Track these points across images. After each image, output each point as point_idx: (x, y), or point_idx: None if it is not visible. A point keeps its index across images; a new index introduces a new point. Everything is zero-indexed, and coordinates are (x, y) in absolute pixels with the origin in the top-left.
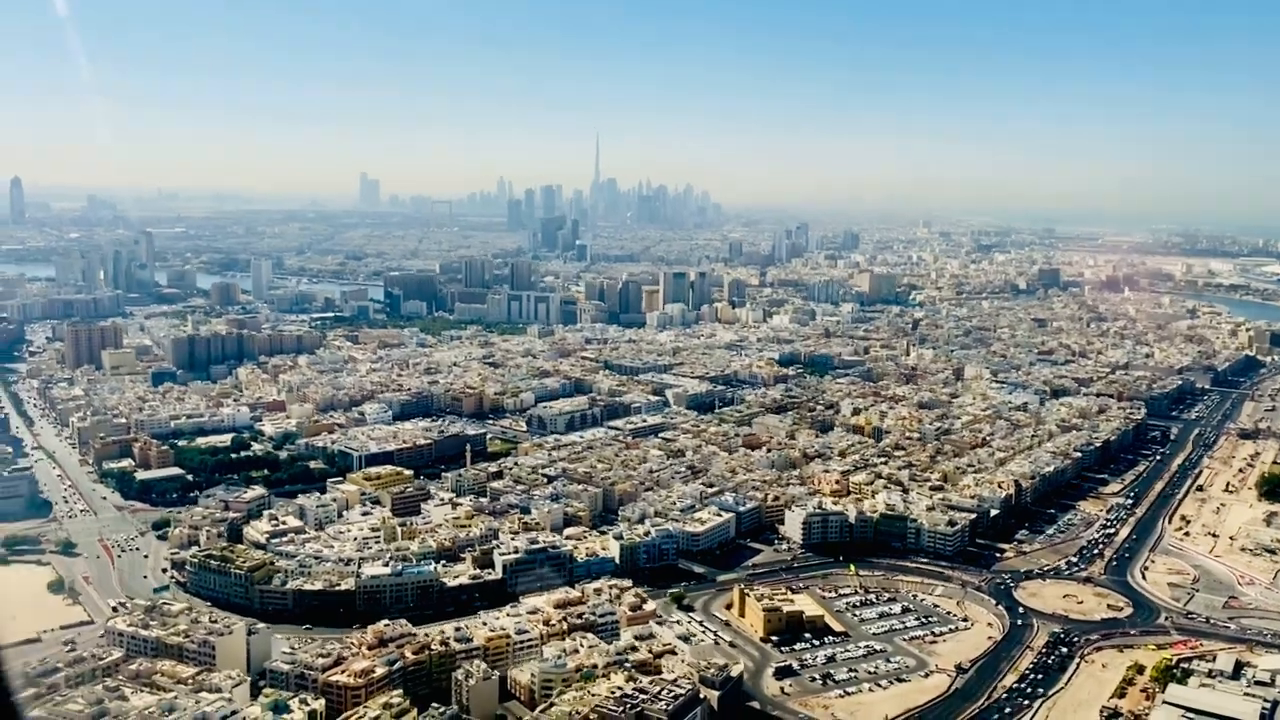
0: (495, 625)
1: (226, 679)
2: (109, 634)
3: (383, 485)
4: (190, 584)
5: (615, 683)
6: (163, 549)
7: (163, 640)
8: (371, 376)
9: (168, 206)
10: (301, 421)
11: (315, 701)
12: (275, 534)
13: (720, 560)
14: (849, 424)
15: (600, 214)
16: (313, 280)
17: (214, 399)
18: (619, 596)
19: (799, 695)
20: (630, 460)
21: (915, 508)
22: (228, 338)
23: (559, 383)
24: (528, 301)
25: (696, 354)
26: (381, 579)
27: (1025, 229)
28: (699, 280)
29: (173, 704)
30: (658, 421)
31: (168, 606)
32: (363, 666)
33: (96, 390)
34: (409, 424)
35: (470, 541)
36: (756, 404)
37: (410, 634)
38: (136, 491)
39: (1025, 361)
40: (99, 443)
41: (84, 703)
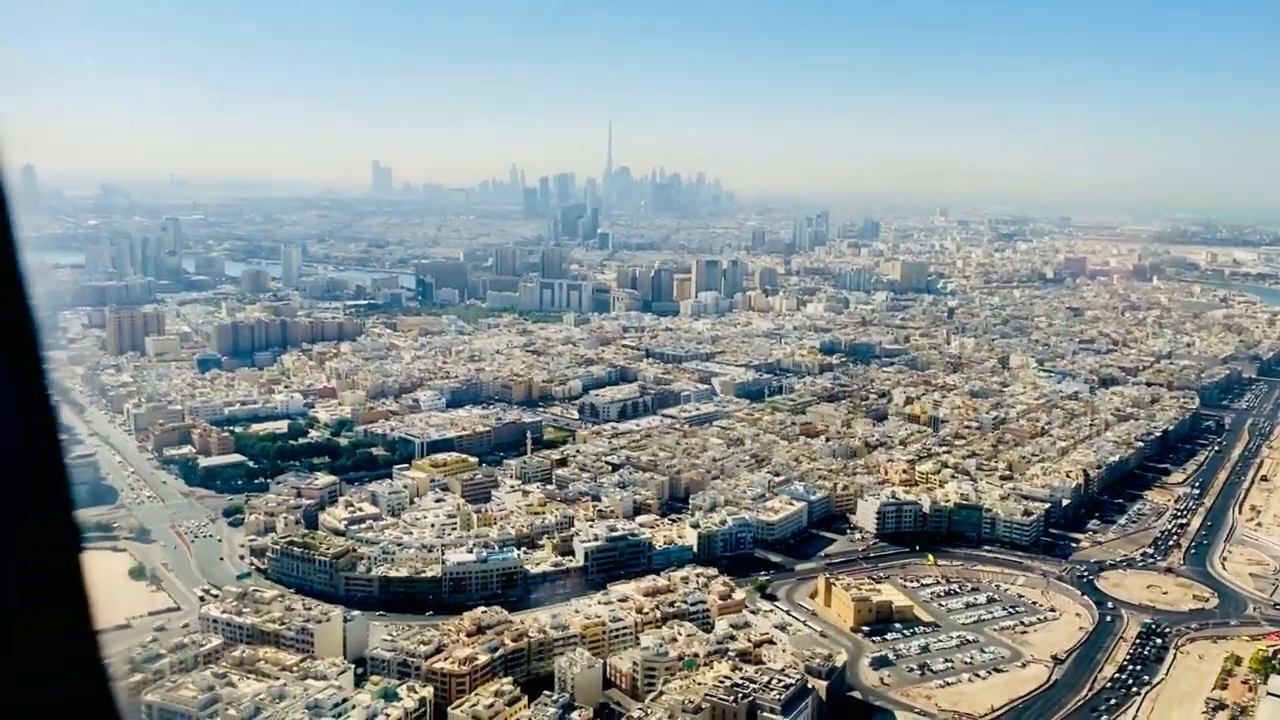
0: (589, 613)
1: (331, 666)
2: (203, 620)
3: (450, 472)
4: (272, 571)
5: (720, 672)
6: (236, 535)
7: (258, 627)
8: (417, 364)
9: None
10: (356, 408)
11: (423, 689)
12: (354, 520)
13: (794, 549)
14: (903, 413)
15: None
16: (338, 268)
17: (265, 386)
18: (706, 585)
19: (899, 685)
20: (691, 449)
21: (987, 497)
22: (271, 325)
23: (605, 370)
24: (560, 289)
25: (736, 342)
26: (467, 565)
27: (1041, 218)
28: (731, 268)
29: (282, 691)
30: (711, 410)
31: (259, 594)
32: (466, 654)
33: (144, 377)
34: (463, 411)
35: (546, 529)
36: (807, 392)
37: (507, 621)
38: (201, 478)
39: (1068, 350)
40: (158, 429)
41: (195, 689)
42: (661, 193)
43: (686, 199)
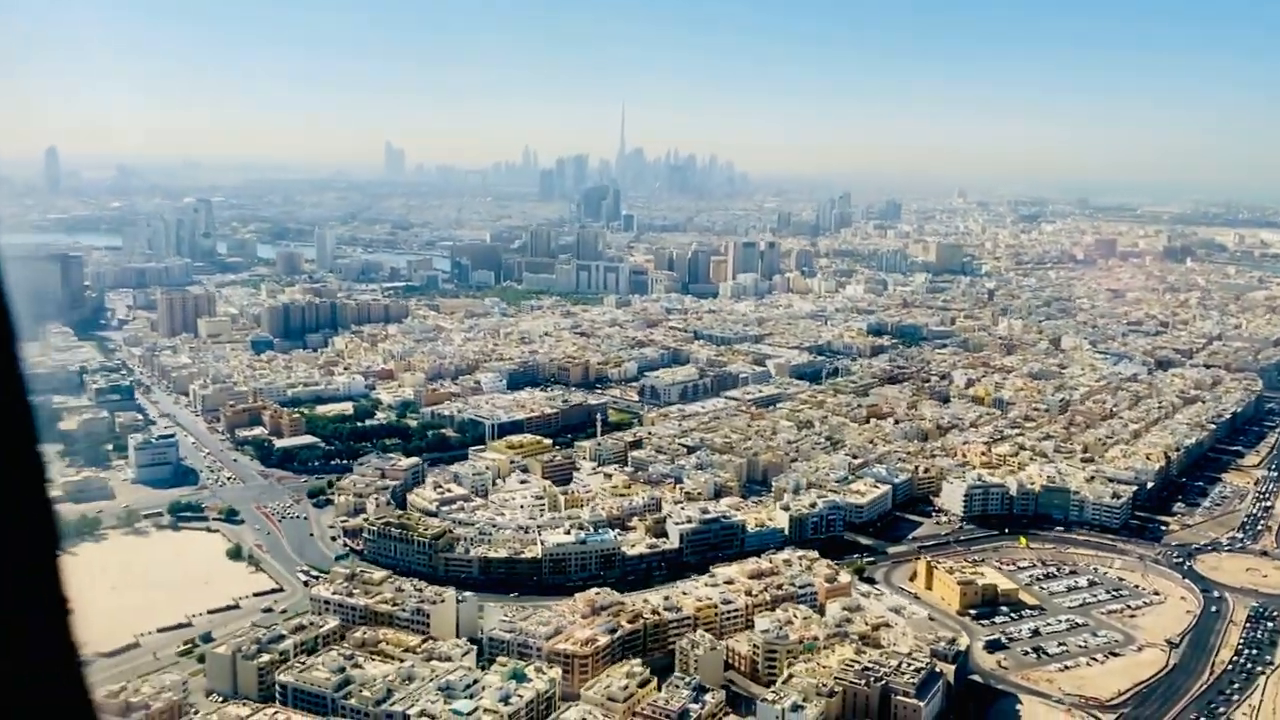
0: (699, 595)
1: (455, 648)
2: (314, 602)
3: (528, 453)
4: (368, 552)
5: (843, 655)
6: (324, 516)
7: (371, 608)
8: (469, 346)
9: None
10: (418, 390)
11: (550, 670)
12: (444, 501)
13: (882, 532)
14: (966, 395)
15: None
16: (367, 250)
17: (323, 368)
18: (810, 568)
19: (1016, 669)
20: (763, 431)
21: (1073, 480)
22: (321, 306)
23: (658, 352)
24: (597, 272)
25: (782, 324)
26: (566, 547)
27: (1059, 199)
28: (768, 250)
29: (410, 673)
30: (773, 392)
31: (368, 575)
32: (586, 635)
33: (202, 358)
34: (524, 393)
35: (634, 510)
36: (866, 375)
37: (619, 603)
38: (278, 459)
39: (1118, 332)
40: (229, 411)
41: (327, 670)
42: (677, 174)
43: (701, 180)
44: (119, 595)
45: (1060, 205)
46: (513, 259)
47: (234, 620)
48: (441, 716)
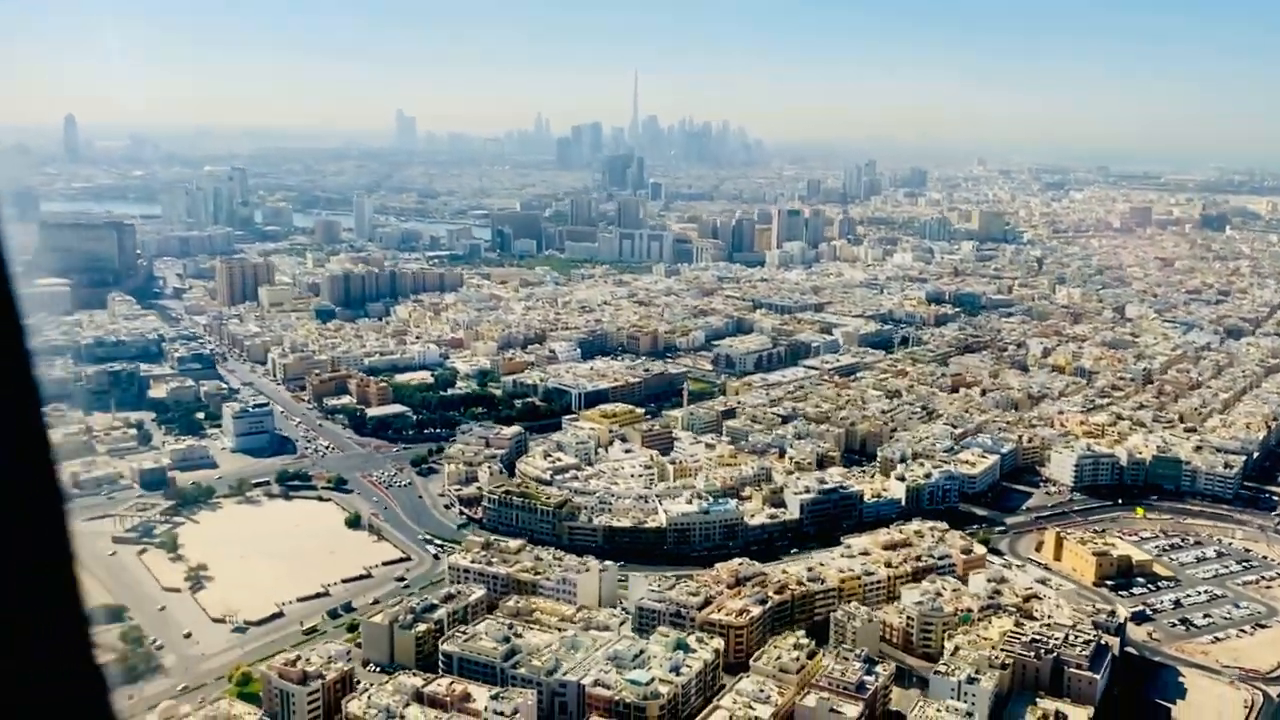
0: (840, 566)
1: (612, 617)
2: (452, 571)
3: (624, 422)
4: (488, 520)
5: (1003, 627)
6: (430, 484)
7: (513, 576)
8: (533, 315)
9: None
10: (494, 360)
11: (712, 640)
12: (557, 470)
13: (994, 503)
14: (1045, 364)
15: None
16: (399, 218)
17: (395, 336)
18: (942, 539)
19: (1167, 641)
20: (853, 400)
21: (1180, 449)
22: (380, 276)
23: (722, 321)
24: (640, 240)
25: (838, 292)
26: (691, 517)
27: (1079, 167)
28: (813, 218)
29: (574, 642)
30: (852, 361)
31: (503, 544)
32: (739, 606)
33: (270, 326)
34: (599, 362)
35: (745, 481)
36: (941, 344)
37: (761, 573)
38: (371, 428)
39: (1179, 300)
40: (316, 380)
41: (491, 640)
42: (694, 142)
43: (717, 148)
44: (250, 565)
45: (1081, 173)
46: (553, 227)
47: (369, 589)
48: (617, 686)
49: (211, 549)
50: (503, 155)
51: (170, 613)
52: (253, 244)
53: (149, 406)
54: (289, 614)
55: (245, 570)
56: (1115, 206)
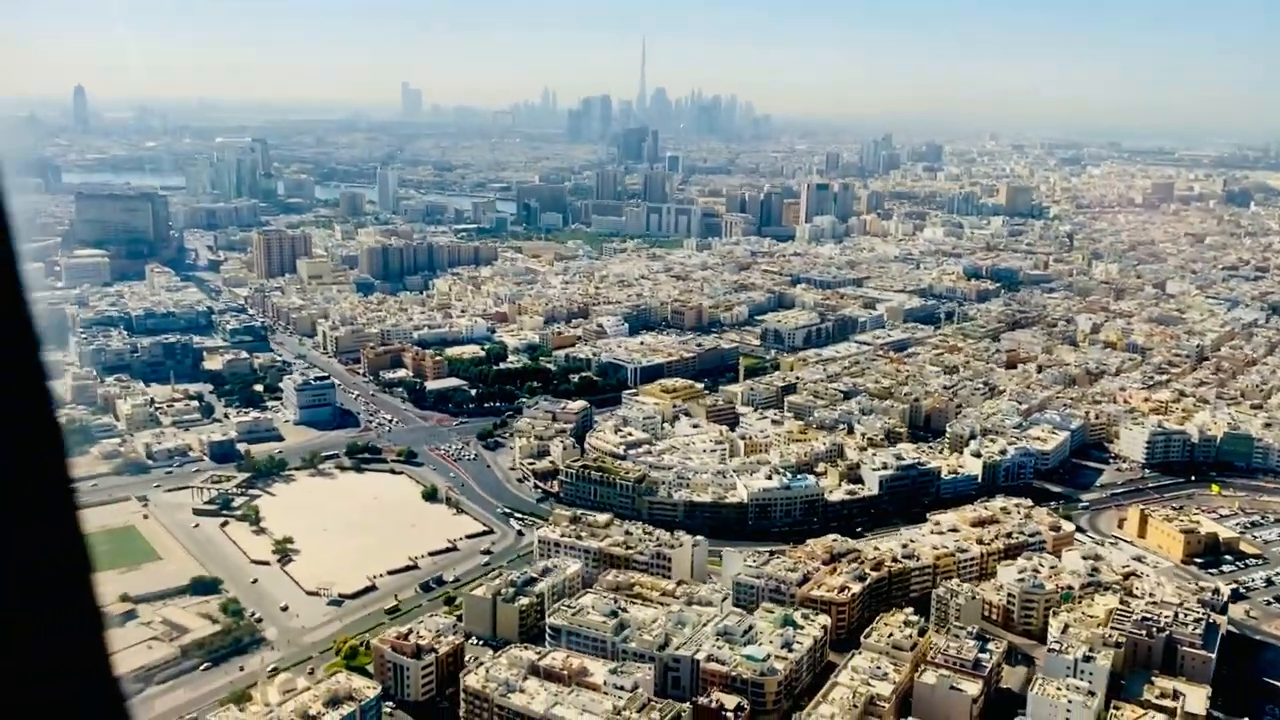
0: (932, 543)
1: (714, 593)
2: (542, 544)
3: (686, 397)
4: (565, 494)
5: (1107, 605)
6: (499, 458)
7: (605, 551)
8: (573, 289)
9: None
10: (543, 334)
11: (818, 616)
12: (631, 445)
13: (1066, 479)
14: (1097, 340)
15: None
16: (419, 191)
17: (440, 309)
18: (1028, 516)
19: (1266, 619)
20: (912, 376)
21: (1249, 426)
22: (418, 248)
23: (764, 296)
24: (668, 214)
25: (874, 267)
26: (772, 492)
27: (1090, 142)
28: (842, 192)
29: (681, 617)
30: (902, 336)
31: (591, 518)
32: (839, 582)
33: (313, 299)
34: (649, 337)
35: (818, 457)
36: (990, 319)
37: (854, 550)
38: (432, 402)
39: (1217, 277)
40: (371, 353)
41: (599, 614)
42: (704, 115)
43: (727, 122)
44: (334, 538)
45: (1094, 149)
46: (576, 201)
47: (455, 562)
48: (733, 662)
49: (292, 522)
50: (513, 128)
51: (263, 586)
52: (276, 216)
53: (205, 379)
54: (381, 587)
55: (330, 543)
56: (1135, 182)
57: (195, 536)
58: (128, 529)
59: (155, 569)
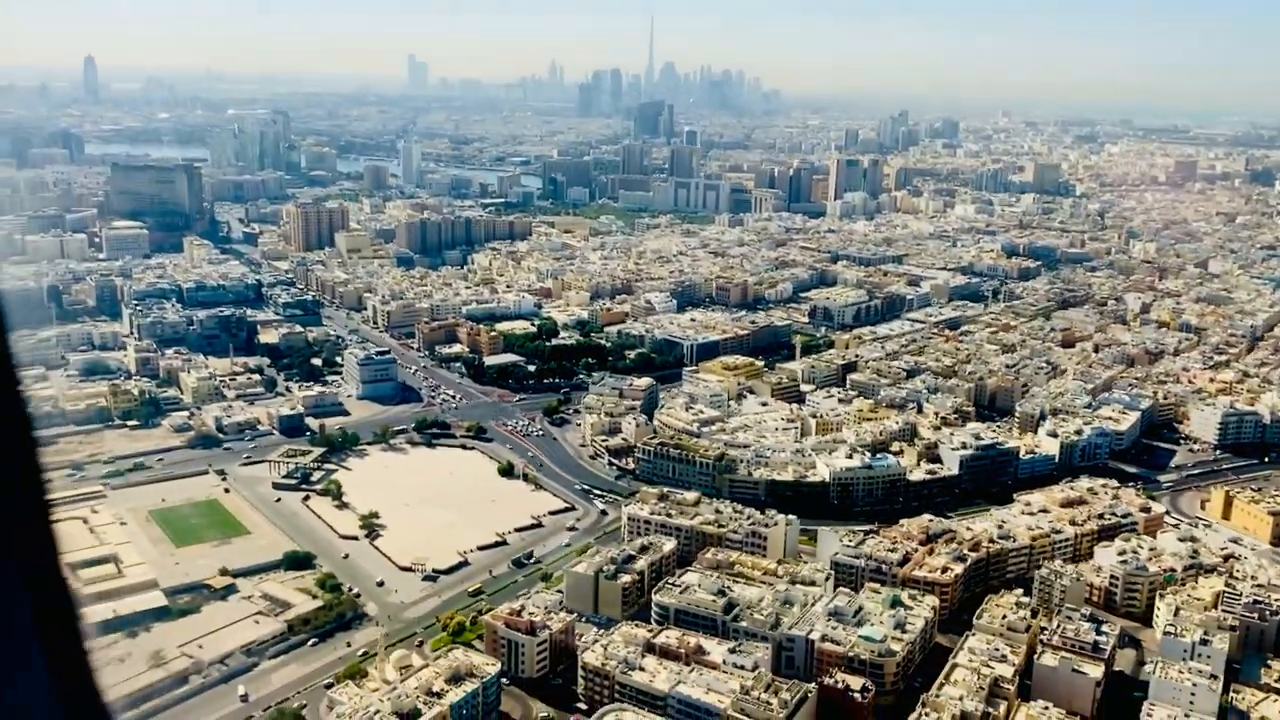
0: (1026, 524)
1: (817, 572)
2: (632, 521)
3: (747, 375)
4: (642, 471)
5: (1213, 587)
6: (567, 434)
7: (697, 529)
8: (615, 264)
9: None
10: (592, 311)
11: (927, 596)
12: (704, 423)
13: (1139, 459)
14: (1149, 320)
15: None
16: (438, 165)
17: (485, 284)
18: (1116, 496)
19: None
20: (971, 354)
21: None
22: (456, 223)
23: (806, 273)
24: (696, 190)
25: (910, 244)
26: (855, 472)
27: (1102, 119)
28: (871, 168)
29: (788, 596)
30: (954, 315)
31: (678, 495)
32: (940, 563)
33: (355, 273)
34: (697, 313)
35: (893, 436)
36: (1037, 297)
37: (949, 530)
38: (491, 377)
39: (1257, 256)
40: (426, 328)
41: (706, 593)
42: (715, 90)
43: (737, 97)
44: (417, 513)
45: (1107, 126)
46: (603, 176)
47: (543, 539)
48: (849, 642)
49: (373, 496)
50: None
51: (355, 561)
52: (300, 189)
53: (260, 352)
54: (473, 563)
55: (414, 518)
56: (1156, 160)
57: (280, 511)
58: (211, 502)
59: (244, 543)
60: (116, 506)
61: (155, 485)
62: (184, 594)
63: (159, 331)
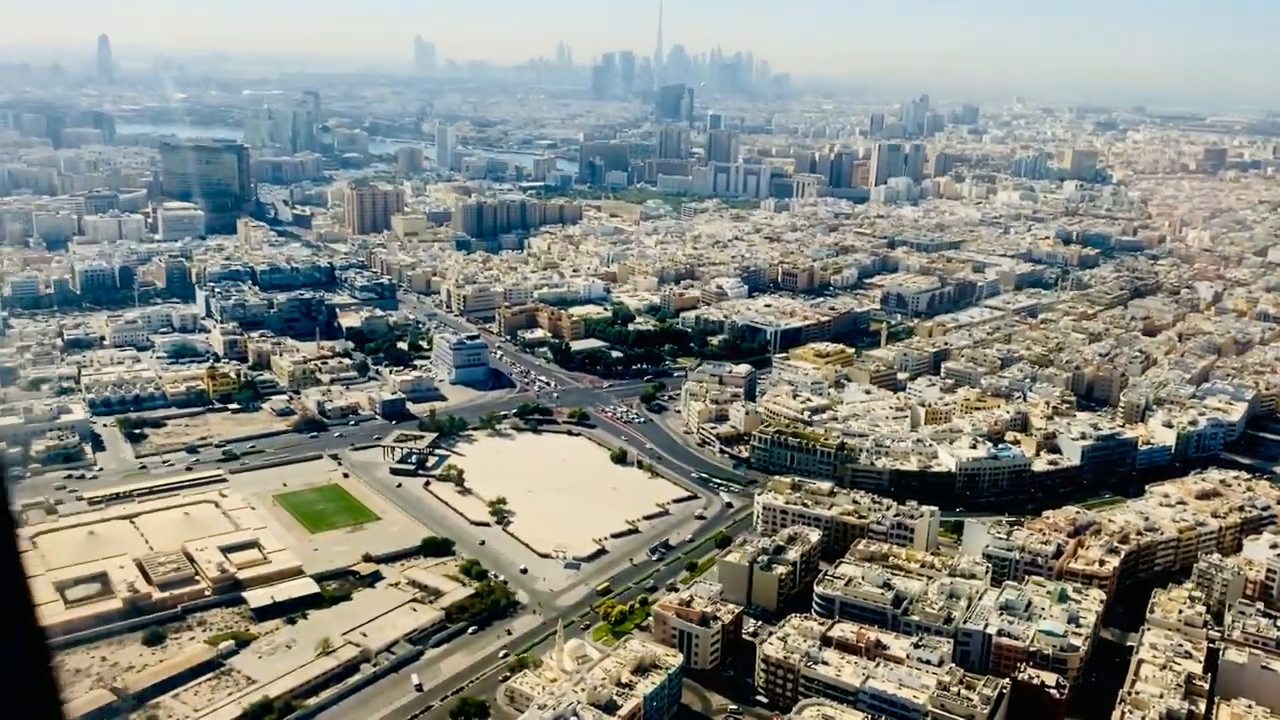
0: (1169, 516)
1: (975, 565)
2: (768, 511)
3: (838, 362)
4: (757, 459)
5: None
6: (668, 421)
7: (838, 520)
8: (675, 250)
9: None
10: (664, 296)
11: (1092, 589)
12: (815, 410)
13: (1247, 450)
14: (1226, 309)
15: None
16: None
17: (549, 269)
18: (1250, 489)
19: None
20: (1059, 343)
21: None
22: (511, 206)
23: (868, 259)
24: (735, 174)
25: (962, 230)
26: (981, 462)
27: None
28: (913, 154)
29: (953, 589)
30: (1031, 303)
31: (812, 485)
32: (1095, 555)
33: (419, 256)
34: (769, 298)
35: (1007, 425)
36: (1110, 285)
37: (1094, 522)
38: (578, 363)
39: None
40: (508, 313)
41: (872, 585)
42: (727, 73)
43: (748, 80)
44: (541, 499)
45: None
46: (639, 160)
47: (673, 526)
48: (1027, 636)
49: (493, 482)
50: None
51: (492, 547)
52: (336, 170)
53: (343, 335)
54: (611, 550)
55: (538, 504)
56: (1183, 148)
57: (403, 496)
58: (333, 487)
59: (377, 529)
60: (239, 490)
61: (272, 470)
62: (331, 580)
63: (240, 314)
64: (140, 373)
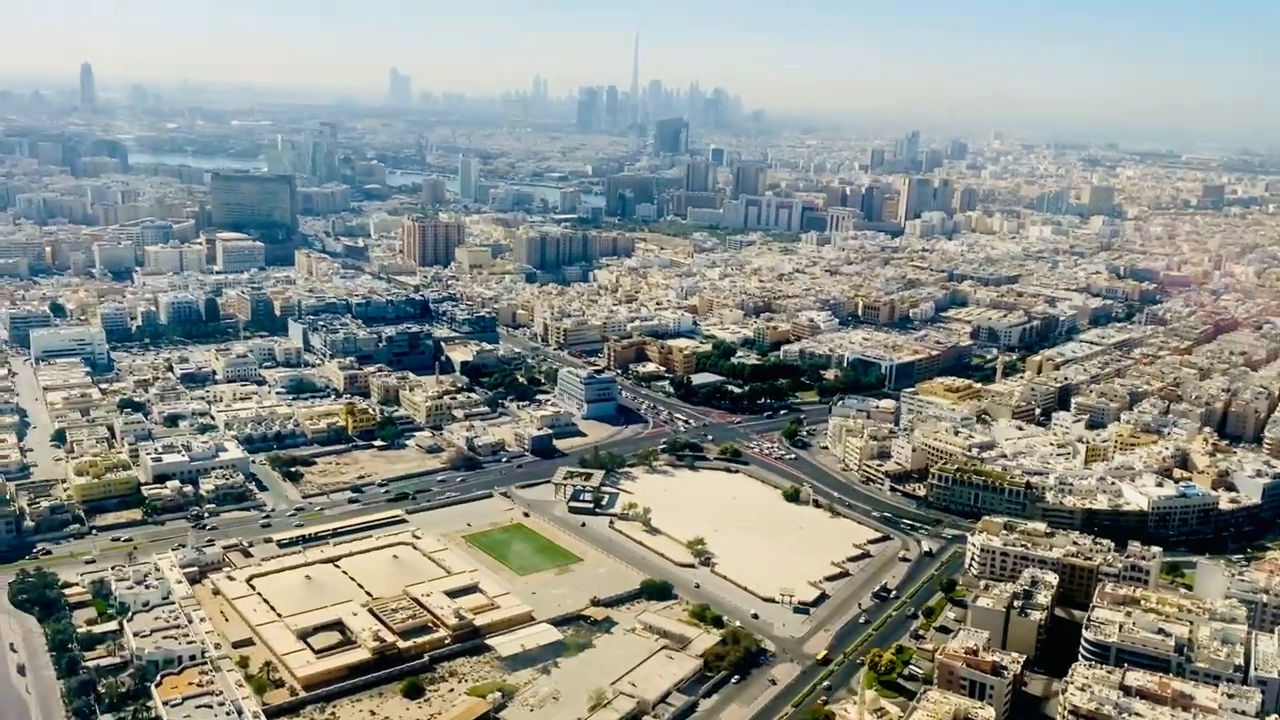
0: None
1: (1233, 608)
2: (984, 553)
3: (965, 396)
4: (936, 497)
5: None
6: (816, 456)
7: (1066, 562)
8: (745, 283)
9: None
10: (758, 328)
11: None
12: (982, 446)
13: None
14: None
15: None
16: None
17: (627, 302)
18: None
19: None
20: (1175, 377)
21: None
22: (574, 239)
23: (940, 292)
24: (767, 208)
25: (1012, 264)
26: (1173, 500)
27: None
28: (942, 189)
29: (1226, 634)
30: (1125, 337)
31: (1024, 525)
32: None
33: (494, 289)
34: (862, 332)
35: (1171, 463)
36: (1191, 320)
37: None
38: (701, 397)
39: None
40: (618, 347)
41: (1146, 630)
42: (709, 108)
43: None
44: (734, 539)
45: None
46: (665, 193)
47: (881, 569)
48: None
49: (673, 519)
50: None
51: (710, 590)
52: (361, 202)
53: (454, 370)
54: (832, 594)
55: (734, 545)
56: (1180, 185)
57: (593, 536)
58: (518, 527)
59: (584, 570)
60: (425, 531)
61: (447, 509)
62: (564, 625)
63: (349, 348)
64: (275, 409)
